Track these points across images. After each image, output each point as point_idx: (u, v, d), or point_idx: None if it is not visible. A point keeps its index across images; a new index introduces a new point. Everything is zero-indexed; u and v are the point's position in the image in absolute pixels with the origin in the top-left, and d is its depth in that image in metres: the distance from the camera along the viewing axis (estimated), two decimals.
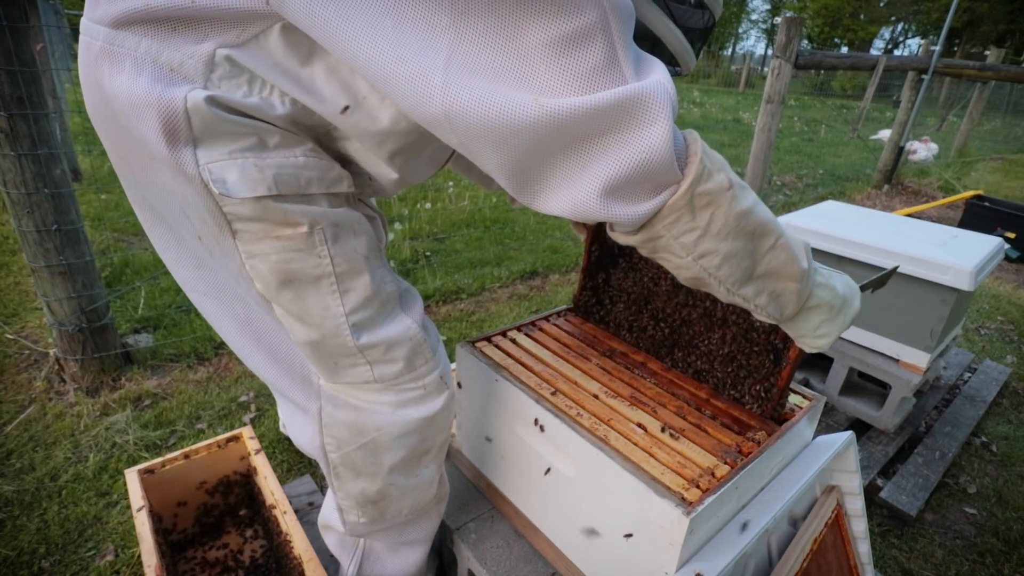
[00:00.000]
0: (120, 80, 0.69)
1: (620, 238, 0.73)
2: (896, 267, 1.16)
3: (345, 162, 0.84)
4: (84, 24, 0.74)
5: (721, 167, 0.69)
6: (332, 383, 0.91)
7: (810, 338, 0.88)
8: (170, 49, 0.68)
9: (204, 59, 0.68)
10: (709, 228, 0.69)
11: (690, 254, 0.71)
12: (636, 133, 0.61)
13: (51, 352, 2.02)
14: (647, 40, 0.82)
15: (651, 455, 0.94)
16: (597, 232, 1.28)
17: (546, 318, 1.36)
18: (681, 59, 0.85)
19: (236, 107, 0.70)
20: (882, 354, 1.88)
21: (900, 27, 30.72)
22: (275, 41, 0.69)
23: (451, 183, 4.47)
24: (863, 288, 0.97)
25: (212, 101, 0.68)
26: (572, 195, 0.65)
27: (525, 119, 0.59)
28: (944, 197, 5.60)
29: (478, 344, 1.23)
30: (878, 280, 1.08)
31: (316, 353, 0.87)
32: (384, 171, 0.86)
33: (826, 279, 0.86)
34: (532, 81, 0.60)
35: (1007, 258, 3.99)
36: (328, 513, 1.12)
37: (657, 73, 0.63)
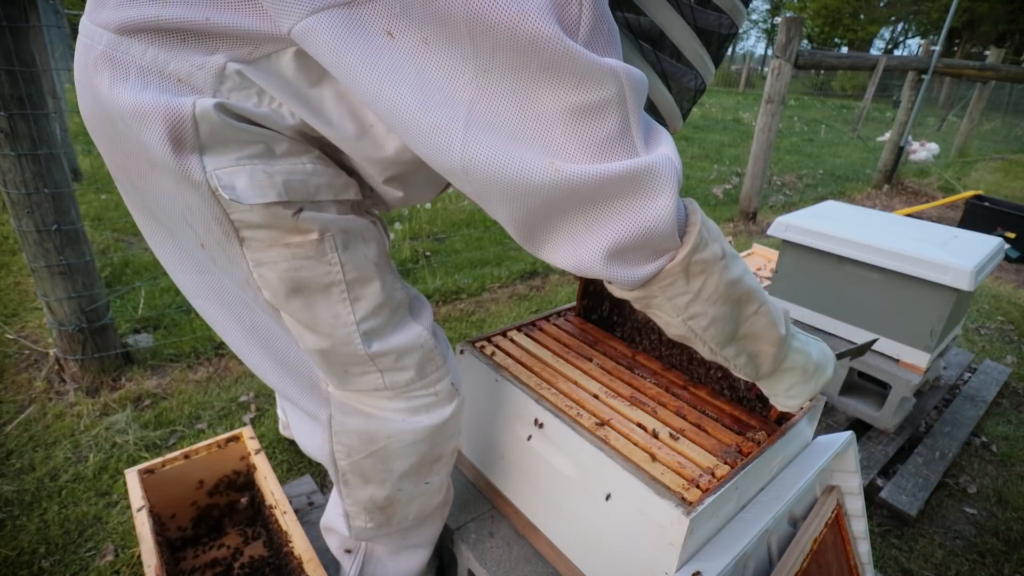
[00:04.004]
0: (124, 88, 0.68)
1: (616, 292, 0.75)
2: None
3: (349, 172, 0.84)
4: (85, 26, 0.72)
5: (716, 237, 0.72)
6: (342, 390, 0.91)
7: (782, 397, 0.91)
8: (178, 59, 0.68)
9: (214, 71, 0.68)
10: (700, 293, 0.72)
11: (680, 315, 0.74)
12: (643, 203, 0.64)
13: (51, 352, 2.02)
14: None
15: (651, 455, 0.94)
16: (587, 285, 1.34)
17: (546, 318, 1.36)
18: (669, 120, 0.88)
19: (246, 115, 0.70)
20: (882, 354, 1.88)
21: (900, 27, 30.72)
22: (287, 63, 0.69)
23: None
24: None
25: (222, 108, 0.68)
26: (576, 253, 0.68)
27: (540, 180, 0.61)
28: (944, 197, 5.60)
29: (478, 344, 1.23)
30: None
31: (326, 361, 0.86)
32: (383, 189, 0.86)
33: (803, 344, 0.89)
34: (548, 144, 0.62)
35: (1007, 258, 3.99)
36: (332, 517, 1.11)
37: (664, 147, 0.66)
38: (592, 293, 1.34)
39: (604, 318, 1.34)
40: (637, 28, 0.80)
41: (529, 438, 1.08)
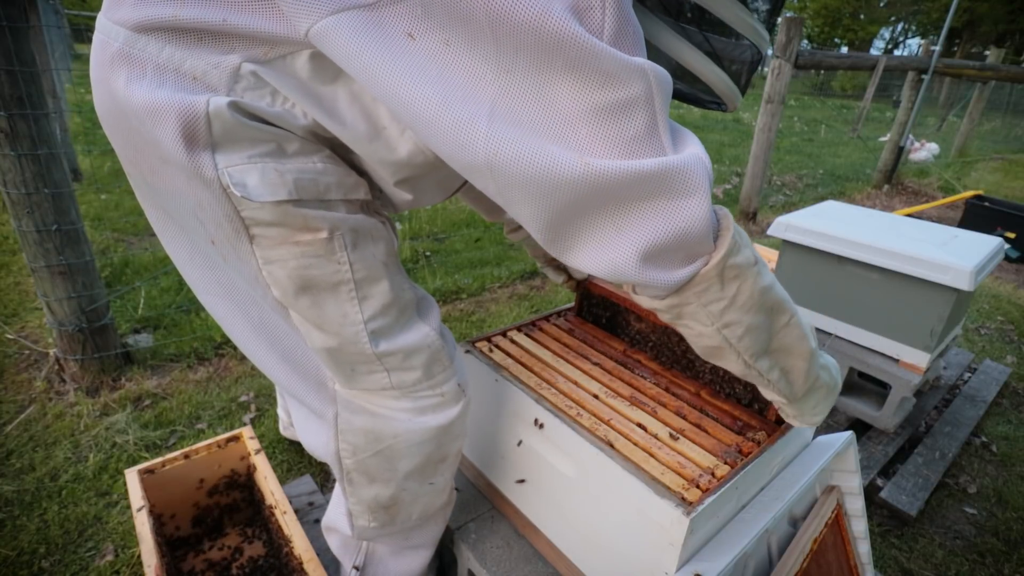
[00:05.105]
0: (139, 86, 0.69)
1: (645, 302, 0.74)
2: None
3: (359, 173, 0.84)
4: (102, 23, 0.73)
5: (747, 243, 0.71)
6: (348, 389, 0.91)
7: (808, 415, 0.92)
8: (194, 58, 0.68)
9: (229, 70, 0.68)
10: (736, 300, 0.71)
11: (715, 323, 0.73)
12: (675, 203, 0.62)
13: (51, 352, 2.02)
14: (690, 79, 0.80)
15: (651, 455, 0.94)
16: (584, 296, 1.34)
17: (546, 318, 1.36)
18: (727, 100, 0.84)
19: (259, 114, 0.70)
20: (882, 354, 1.88)
21: (900, 27, 30.71)
22: (302, 64, 0.69)
23: None
24: None
25: (235, 107, 0.68)
26: (609, 256, 0.65)
27: (569, 176, 0.59)
28: (944, 197, 5.60)
29: (478, 344, 1.23)
30: None
31: (333, 359, 0.86)
32: (393, 192, 0.86)
33: (826, 361, 0.89)
34: (574, 141, 0.60)
35: (1007, 258, 3.99)
36: (334, 516, 1.11)
37: (692, 147, 0.65)
38: (590, 307, 1.34)
39: (602, 326, 1.34)
40: (677, 11, 0.76)
41: (519, 443, 1.08)
